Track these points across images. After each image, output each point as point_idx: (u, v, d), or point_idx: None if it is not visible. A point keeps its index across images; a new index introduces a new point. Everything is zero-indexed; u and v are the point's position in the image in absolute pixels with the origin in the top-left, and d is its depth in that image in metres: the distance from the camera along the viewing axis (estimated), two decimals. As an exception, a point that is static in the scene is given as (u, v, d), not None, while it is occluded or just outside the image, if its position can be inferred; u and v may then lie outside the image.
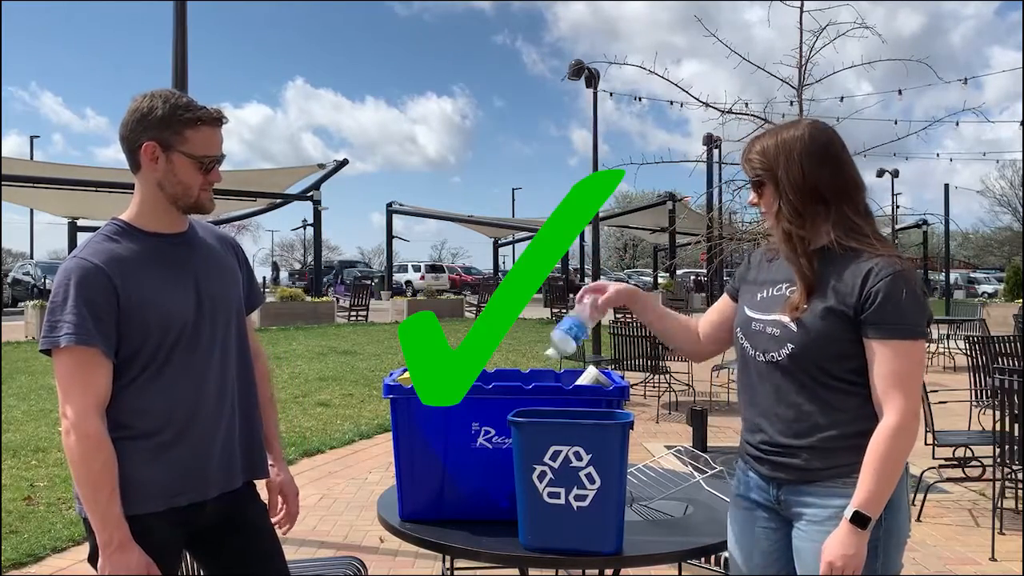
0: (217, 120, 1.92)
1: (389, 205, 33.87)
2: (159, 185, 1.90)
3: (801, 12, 6.43)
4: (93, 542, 1.84)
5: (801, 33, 6.41)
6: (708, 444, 6.18)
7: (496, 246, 41.27)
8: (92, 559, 1.87)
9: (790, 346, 1.83)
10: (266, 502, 2.16)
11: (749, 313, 1.95)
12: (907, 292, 1.75)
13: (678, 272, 33.95)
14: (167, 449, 1.87)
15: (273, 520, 2.16)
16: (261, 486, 2.16)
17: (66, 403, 1.78)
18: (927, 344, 11.51)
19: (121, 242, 1.88)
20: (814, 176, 1.83)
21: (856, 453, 1.78)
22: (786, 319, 1.85)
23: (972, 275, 44.51)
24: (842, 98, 8.40)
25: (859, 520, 1.72)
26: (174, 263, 1.93)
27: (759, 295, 1.95)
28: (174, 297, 1.89)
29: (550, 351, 2.02)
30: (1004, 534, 4.51)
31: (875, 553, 1.78)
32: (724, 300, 2.14)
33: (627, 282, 31.69)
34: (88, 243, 1.89)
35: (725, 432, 7.50)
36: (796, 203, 1.84)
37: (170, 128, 1.86)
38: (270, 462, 2.17)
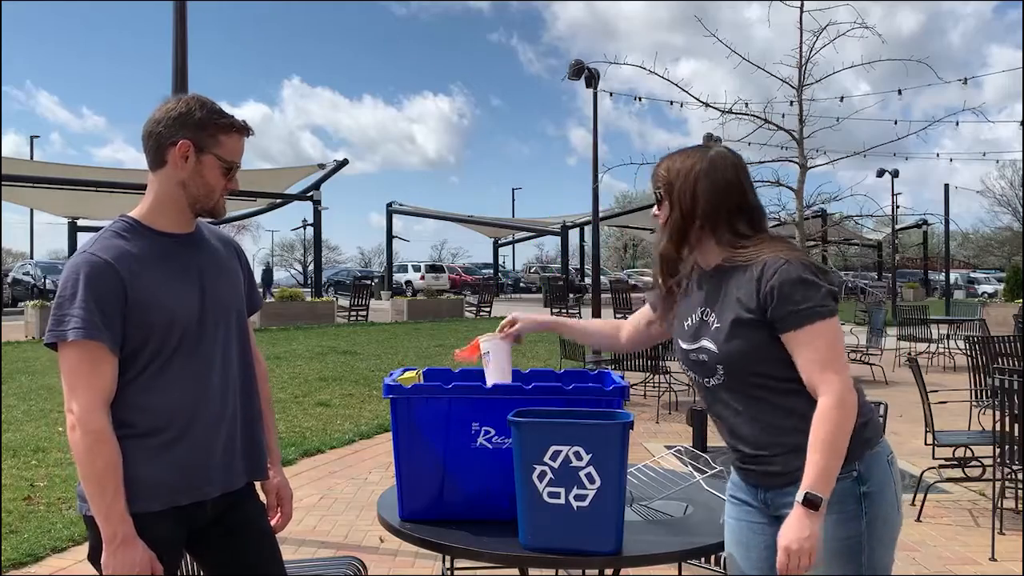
0: (247, 130, 1.98)
1: (389, 205, 33.90)
2: (183, 184, 1.92)
3: (801, 12, 6.44)
4: (93, 539, 1.85)
5: (801, 33, 6.43)
6: (708, 444, 6.18)
7: (496, 246, 41.29)
8: (92, 557, 1.87)
9: (720, 368, 1.90)
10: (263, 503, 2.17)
11: (683, 345, 2.02)
12: (798, 278, 1.80)
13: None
14: (169, 448, 1.87)
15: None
16: (257, 487, 2.16)
17: (71, 398, 1.79)
18: (926, 346, 11.44)
19: (130, 239, 1.90)
20: (704, 198, 1.92)
21: None
22: (706, 342, 1.92)
23: (972, 275, 44.48)
24: (842, 98, 8.40)
25: (810, 502, 1.74)
26: (181, 263, 1.94)
27: (685, 324, 2.02)
28: (180, 296, 1.90)
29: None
30: (1004, 534, 4.51)
31: (858, 547, 1.79)
32: (646, 310, 2.27)
33: (627, 282, 31.44)
34: (98, 239, 1.89)
35: (725, 432, 7.49)
36: (680, 224, 1.95)
37: (206, 131, 1.91)
38: (267, 465, 2.17)
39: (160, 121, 1.91)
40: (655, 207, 2.03)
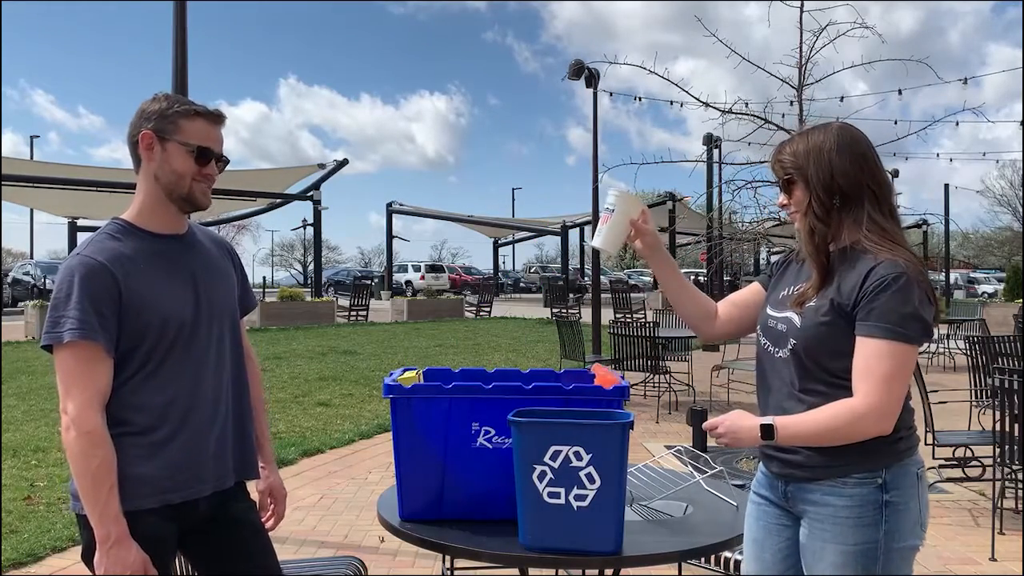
0: (214, 116, 1.98)
1: (389, 205, 33.91)
2: (155, 176, 1.95)
3: (801, 12, 6.42)
4: (87, 538, 1.85)
5: (801, 33, 6.41)
6: (708, 444, 6.18)
7: (496, 246, 41.29)
8: (86, 555, 1.88)
9: (792, 341, 1.86)
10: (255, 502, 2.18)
11: (768, 311, 1.99)
12: (903, 292, 1.74)
13: (678, 272, 33.86)
14: (163, 446, 1.89)
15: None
16: (251, 487, 2.17)
17: (67, 399, 1.79)
18: (926, 346, 11.52)
19: (123, 240, 1.91)
20: (841, 173, 1.85)
21: (857, 455, 1.79)
22: (793, 315, 1.88)
23: (972, 275, 44.49)
24: (842, 98, 8.40)
25: (766, 430, 1.81)
26: (174, 263, 1.96)
27: (781, 293, 1.98)
28: (174, 297, 1.92)
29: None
30: (1004, 534, 4.51)
31: (873, 554, 1.77)
32: (755, 286, 2.16)
33: (627, 281, 31.40)
34: (91, 241, 1.91)
35: (725, 432, 7.49)
36: (825, 200, 1.86)
37: (166, 119, 1.93)
38: (260, 464, 2.19)
39: (131, 123, 1.96)
40: (780, 196, 1.97)
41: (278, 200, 26.19)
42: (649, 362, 8.55)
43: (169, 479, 1.89)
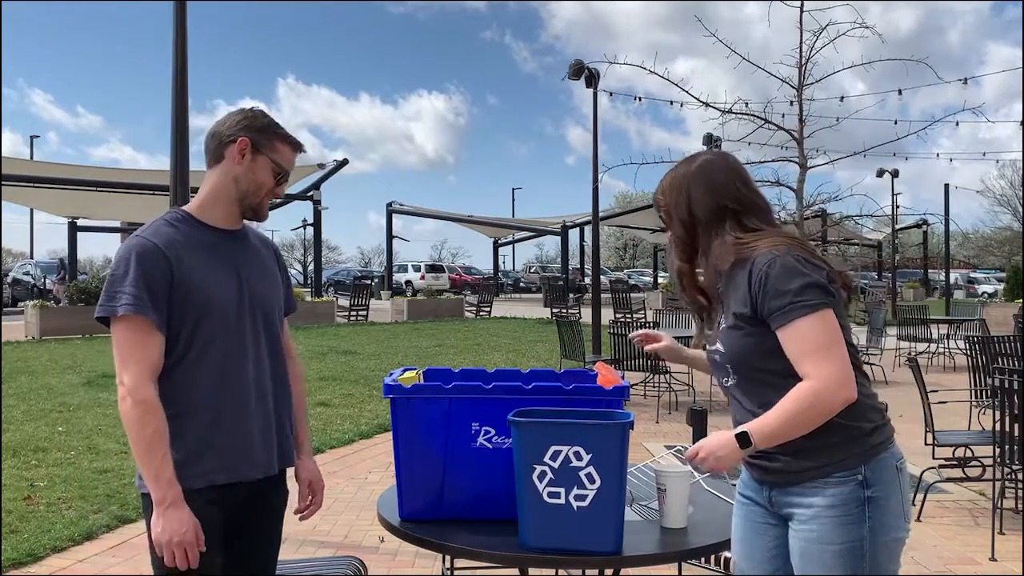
0: (300, 147, 2.18)
1: (389, 205, 33.92)
2: (236, 179, 2.08)
3: (801, 12, 6.43)
4: (150, 516, 1.93)
5: (801, 33, 6.42)
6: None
7: (496, 246, 41.30)
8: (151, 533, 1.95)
9: (729, 367, 1.92)
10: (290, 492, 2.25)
11: (708, 347, 2.04)
12: (782, 272, 1.78)
13: (678, 272, 33.87)
14: (208, 428, 1.98)
15: (301, 508, 2.28)
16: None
17: (123, 370, 1.90)
18: (926, 346, 11.44)
19: (179, 228, 2.04)
20: (697, 204, 1.92)
21: (828, 453, 1.80)
22: (719, 344, 1.94)
23: (972, 275, 44.49)
24: (842, 98, 8.41)
25: (741, 438, 1.80)
26: (224, 255, 2.08)
27: (718, 328, 2.03)
28: (219, 282, 2.03)
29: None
30: (1004, 534, 4.52)
31: (860, 551, 1.78)
32: None
33: (627, 281, 31.44)
34: (150, 226, 2.04)
35: (725, 432, 7.50)
36: (683, 236, 1.95)
37: (266, 135, 2.11)
38: (300, 457, 2.28)
39: (225, 123, 2.11)
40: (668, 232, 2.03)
41: (278, 200, 26.18)
42: (649, 362, 8.55)
43: (217, 459, 1.97)
